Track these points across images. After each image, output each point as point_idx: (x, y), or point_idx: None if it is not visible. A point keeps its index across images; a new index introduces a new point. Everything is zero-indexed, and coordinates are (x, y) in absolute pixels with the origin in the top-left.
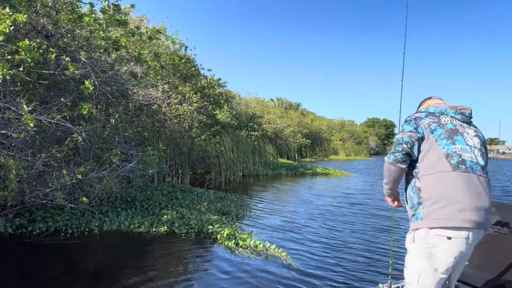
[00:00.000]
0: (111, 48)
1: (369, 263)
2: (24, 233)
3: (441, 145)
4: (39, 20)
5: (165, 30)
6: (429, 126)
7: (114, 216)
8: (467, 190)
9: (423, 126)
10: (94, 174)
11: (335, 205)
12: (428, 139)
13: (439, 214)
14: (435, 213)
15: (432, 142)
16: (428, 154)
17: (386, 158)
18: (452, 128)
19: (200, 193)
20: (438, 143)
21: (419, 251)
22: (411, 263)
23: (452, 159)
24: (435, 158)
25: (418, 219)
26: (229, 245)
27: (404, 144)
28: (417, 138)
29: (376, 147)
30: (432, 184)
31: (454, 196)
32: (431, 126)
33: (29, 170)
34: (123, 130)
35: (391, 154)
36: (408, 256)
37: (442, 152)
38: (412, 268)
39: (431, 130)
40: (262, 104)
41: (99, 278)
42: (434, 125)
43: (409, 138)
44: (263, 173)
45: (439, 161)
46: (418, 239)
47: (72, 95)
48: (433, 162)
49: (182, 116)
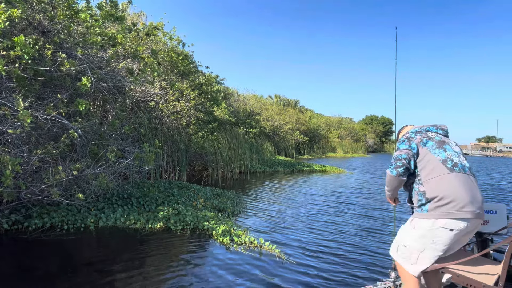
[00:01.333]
0: (108, 44)
1: (364, 260)
2: (20, 229)
3: (435, 153)
4: (35, 16)
5: (162, 27)
6: (421, 141)
7: (110, 212)
8: (464, 188)
9: (416, 142)
10: (90, 171)
11: (331, 203)
12: (422, 151)
13: (444, 210)
14: (440, 209)
15: (427, 153)
16: (426, 163)
17: (389, 172)
18: (440, 140)
19: (197, 189)
20: (432, 152)
21: (419, 236)
22: (410, 244)
23: (447, 163)
24: (433, 164)
25: (423, 211)
26: (224, 241)
27: (403, 160)
28: (412, 154)
29: (374, 144)
30: (435, 186)
31: (456, 194)
32: (422, 140)
33: (25, 166)
34: (120, 126)
35: (394, 169)
36: (406, 238)
37: (438, 159)
38: (411, 248)
39: (424, 143)
40: (260, 101)
41: (94, 273)
42: (425, 139)
43: (406, 154)
44: (260, 170)
45: (437, 166)
46: (420, 228)
47: (68, 91)
48: (432, 168)
49: (179, 112)
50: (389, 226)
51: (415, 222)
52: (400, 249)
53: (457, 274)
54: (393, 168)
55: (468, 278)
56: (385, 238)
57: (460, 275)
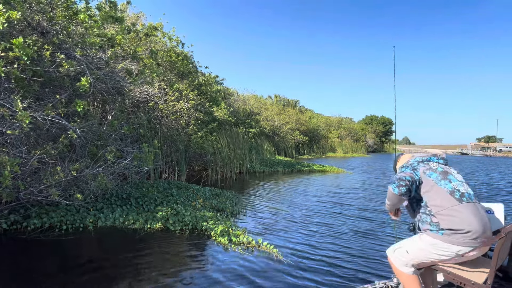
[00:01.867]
0: (107, 45)
1: (360, 261)
2: (18, 229)
3: (441, 185)
4: (34, 16)
5: (162, 27)
6: (424, 173)
7: (109, 212)
8: (476, 218)
9: (420, 172)
10: (89, 171)
11: (329, 203)
12: (428, 182)
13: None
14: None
15: (433, 185)
16: (434, 194)
17: (391, 189)
18: (442, 171)
19: (196, 190)
20: (438, 184)
21: (425, 248)
22: (413, 252)
23: (455, 194)
24: (441, 196)
25: (438, 233)
26: (222, 241)
27: (407, 181)
28: (416, 179)
29: (374, 144)
30: (448, 218)
31: (470, 225)
32: (426, 172)
33: (24, 166)
34: (119, 127)
35: (396, 188)
36: (411, 246)
37: (445, 191)
38: (413, 255)
39: (428, 175)
40: (260, 101)
41: (93, 273)
42: (428, 171)
43: (410, 177)
44: (259, 170)
45: (445, 198)
46: (429, 243)
47: (67, 92)
48: (441, 200)
49: (179, 113)
50: (385, 228)
51: (424, 237)
52: (401, 252)
53: (448, 271)
54: (395, 186)
55: (458, 276)
56: (382, 240)
57: (451, 272)
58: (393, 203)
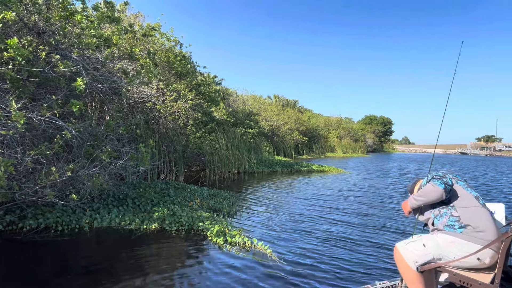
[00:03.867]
0: (103, 45)
1: (356, 263)
2: (14, 230)
3: (468, 191)
4: (31, 17)
5: (160, 27)
6: (454, 179)
7: (106, 213)
8: (493, 225)
9: (449, 178)
10: (84, 171)
11: (326, 203)
12: (458, 188)
13: (480, 236)
14: (476, 234)
15: (461, 189)
16: (460, 195)
17: (436, 184)
18: (464, 182)
19: (194, 190)
20: (465, 190)
21: (441, 244)
22: (430, 247)
23: (479, 200)
24: (467, 198)
25: (456, 231)
26: (218, 242)
27: (448, 185)
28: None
29: (373, 144)
30: (471, 215)
31: (489, 228)
32: (454, 179)
33: (19, 167)
34: (116, 127)
35: (442, 184)
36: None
37: (472, 195)
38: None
39: (456, 182)
40: (259, 102)
41: (87, 273)
42: (455, 179)
43: (450, 181)
44: (258, 170)
45: (471, 200)
46: (446, 241)
47: (63, 92)
48: (467, 201)
49: (177, 113)
50: (382, 230)
51: (441, 235)
52: (416, 245)
53: (454, 272)
54: (441, 182)
55: (464, 276)
56: (379, 241)
57: (457, 274)
58: (428, 200)
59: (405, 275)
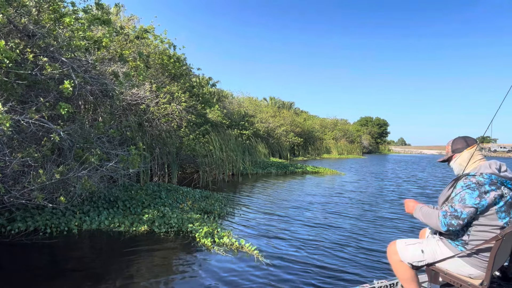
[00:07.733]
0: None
1: (342, 265)
2: (2, 233)
3: (500, 218)
4: (21, 19)
5: (153, 30)
6: (494, 200)
7: (95, 215)
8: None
9: (488, 200)
10: (73, 174)
11: (319, 205)
12: (490, 210)
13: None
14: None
15: (492, 213)
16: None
17: (439, 220)
18: (510, 202)
19: (186, 192)
20: (498, 215)
21: (438, 252)
22: (427, 251)
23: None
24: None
25: (457, 247)
26: (205, 243)
27: (461, 220)
28: (475, 212)
29: (369, 145)
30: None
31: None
32: (496, 199)
33: (6, 169)
34: (106, 129)
35: (445, 226)
36: (426, 245)
37: (499, 225)
38: (426, 255)
39: (495, 203)
40: (255, 104)
41: (74, 276)
42: (498, 198)
43: (467, 214)
44: (252, 172)
45: (492, 232)
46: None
47: (52, 94)
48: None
49: (170, 115)
50: (375, 228)
51: (442, 246)
52: (414, 248)
53: (445, 272)
54: (446, 222)
55: (454, 276)
56: (372, 242)
57: (448, 273)
58: (426, 223)
59: (399, 272)
